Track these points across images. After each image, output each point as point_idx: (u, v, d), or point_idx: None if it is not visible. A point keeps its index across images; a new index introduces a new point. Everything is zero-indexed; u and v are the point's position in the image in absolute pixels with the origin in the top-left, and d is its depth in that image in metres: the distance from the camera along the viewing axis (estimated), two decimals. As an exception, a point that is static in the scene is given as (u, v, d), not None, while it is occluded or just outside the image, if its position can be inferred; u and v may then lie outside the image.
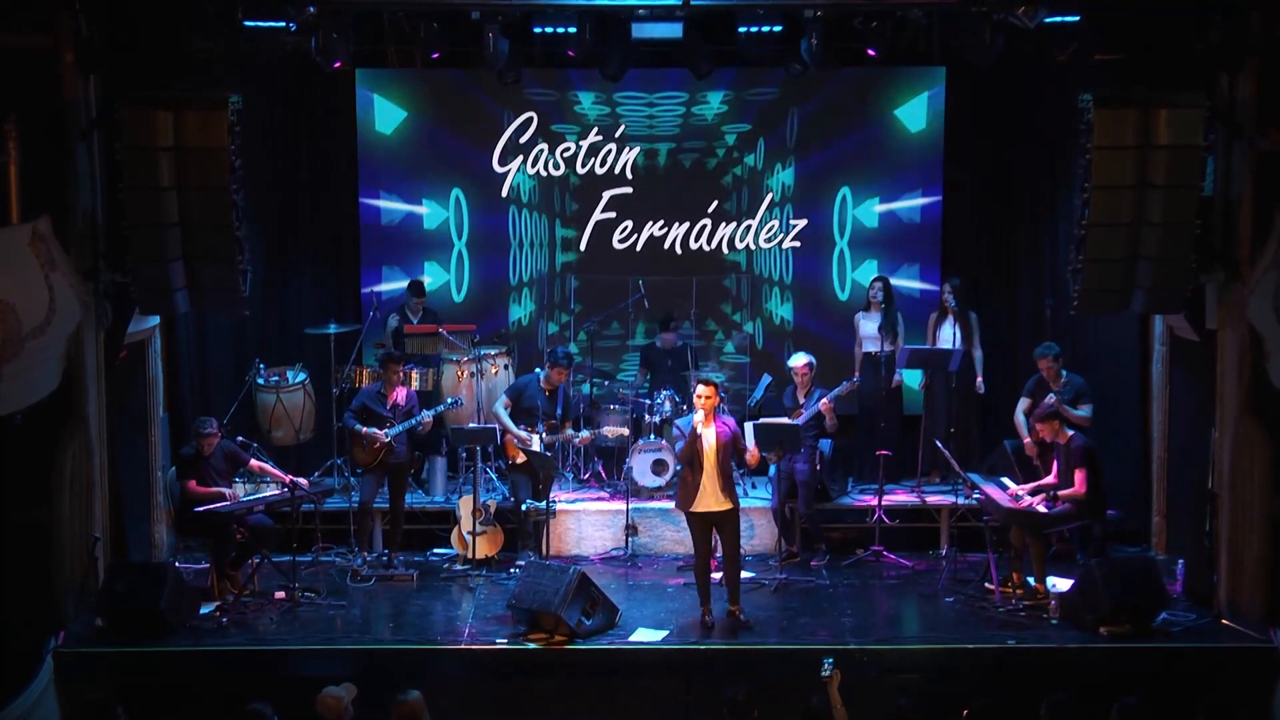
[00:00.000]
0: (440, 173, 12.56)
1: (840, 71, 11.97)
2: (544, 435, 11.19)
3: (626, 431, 11.49)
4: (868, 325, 12.09)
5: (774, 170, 12.67)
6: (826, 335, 12.56)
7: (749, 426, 10.65)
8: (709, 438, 9.71)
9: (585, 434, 11.15)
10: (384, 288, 12.58)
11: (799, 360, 11.37)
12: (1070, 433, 10.33)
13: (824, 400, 11.11)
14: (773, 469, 11.22)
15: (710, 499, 9.71)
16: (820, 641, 9.58)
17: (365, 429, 10.98)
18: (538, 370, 11.36)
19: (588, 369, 12.37)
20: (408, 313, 12.19)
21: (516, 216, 12.63)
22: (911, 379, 12.27)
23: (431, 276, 12.58)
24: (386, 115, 12.45)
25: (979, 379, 11.94)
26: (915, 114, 12.47)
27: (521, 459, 11.06)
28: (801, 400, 11.29)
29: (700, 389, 9.76)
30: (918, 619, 10.24)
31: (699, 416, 9.67)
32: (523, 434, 11.07)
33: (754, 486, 12.02)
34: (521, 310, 12.68)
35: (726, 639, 9.69)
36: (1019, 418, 11.08)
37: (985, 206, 12.54)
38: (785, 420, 11.03)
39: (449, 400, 11.38)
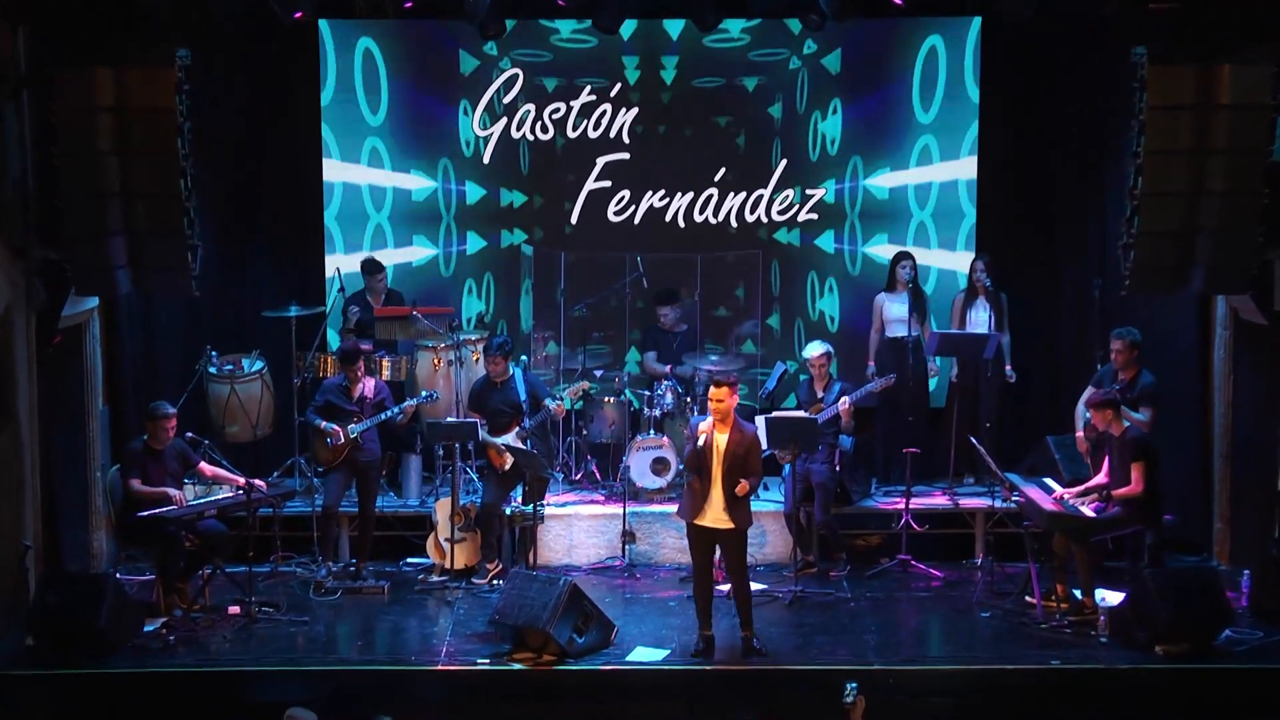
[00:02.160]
0: (421, 139, 12.56)
1: (861, 24, 11.92)
2: (526, 427, 11.19)
3: (588, 385, 11.49)
4: (894, 307, 12.04)
5: (789, 134, 12.65)
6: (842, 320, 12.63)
7: (760, 421, 10.62)
8: (720, 445, 9.64)
9: (554, 403, 11.15)
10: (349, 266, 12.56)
11: (815, 350, 11.36)
12: (1127, 424, 10.21)
13: (845, 401, 11.06)
14: (786, 469, 11.20)
15: (716, 513, 9.64)
16: (841, 662, 9.58)
17: (326, 424, 10.97)
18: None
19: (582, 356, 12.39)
20: (368, 297, 12.16)
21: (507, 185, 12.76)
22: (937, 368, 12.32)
23: (423, 249, 12.64)
24: (354, 72, 12.42)
25: (1008, 366, 11.95)
26: (943, 71, 12.44)
27: (508, 465, 11.10)
28: (820, 394, 11.28)
29: (713, 391, 9.64)
30: (950, 637, 10.26)
31: (706, 424, 9.57)
32: (501, 442, 11.13)
33: (765, 488, 11.95)
34: (480, 304, 12.73)
35: (735, 659, 9.68)
36: (1079, 409, 11.02)
37: (1022, 174, 12.52)
38: (801, 414, 11.00)
39: (424, 394, 11.36)
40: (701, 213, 12.67)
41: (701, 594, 9.84)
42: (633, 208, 12.66)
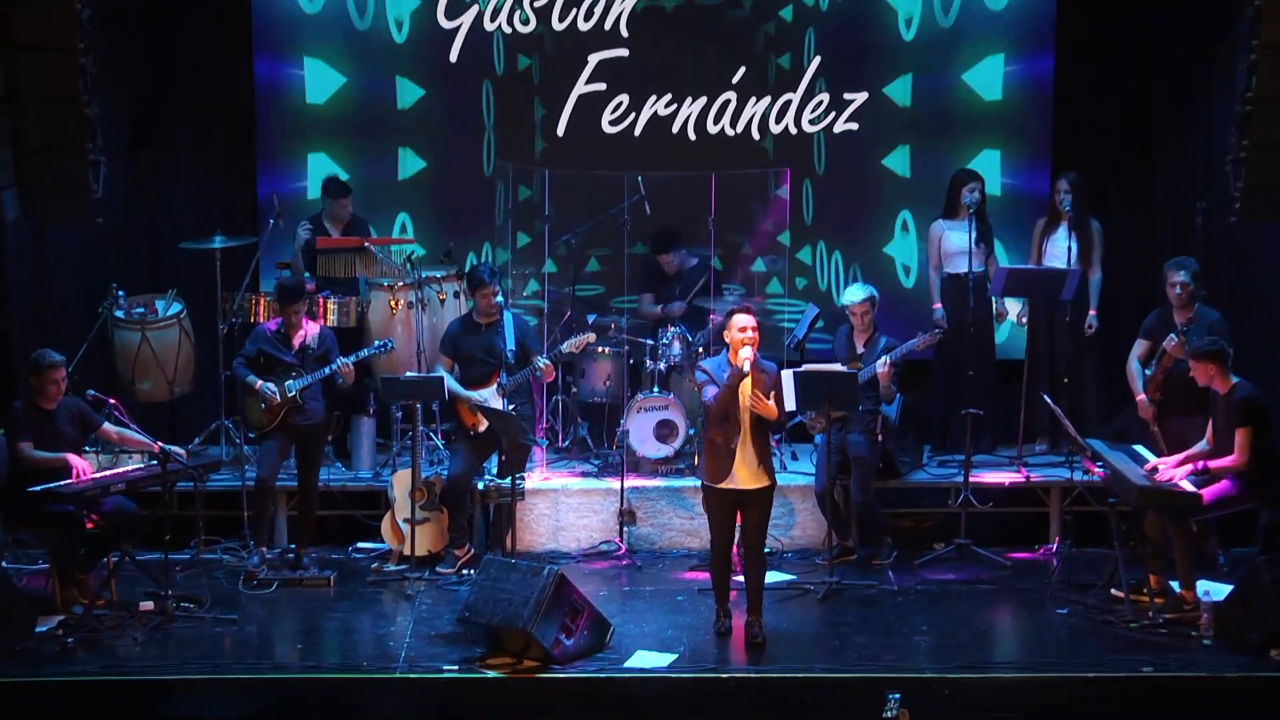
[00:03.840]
0: (371, 33, 12.60)
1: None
2: (505, 385, 11.17)
3: (592, 338, 11.51)
4: (954, 237, 12.07)
5: (819, 25, 12.67)
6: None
7: (787, 376, 10.60)
8: (745, 388, 9.70)
9: (545, 361, 11.15)
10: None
11: (856, 295, 11.34)
12: (1235, 380, 10.15)
13: (883, 363, 11.06)
14: (818, 438, 11.19)
15: (746, 472, 9.74)
16: (884, 669, 9.55)
17: (260, 382, 10.93)
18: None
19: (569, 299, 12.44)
20: (326, 224, 12.17)
21: (491, 89, 12.79)
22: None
23: (409, 164, 12.78)
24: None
25: (1091, 311, 12.05)
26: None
27: (482, 428, 11.13)
28: (860, 349, 11.30)
29: (740, 319, 9.70)
30: (1019, 638, 10.28)
31: (748, 351, 9.59)
32: (476, 396, 11.15)
33: (794, 457, 11.97)
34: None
35: (756, 664, 9.67)
36: (1132, 365, 11.11)
37: (1112, 76, 12.53)
38: (838, 367, 11.01)
39: (378, 343, 11.34)
40: (716, 122, 12.67)
41: (721, 569, 9.96)
42: (632, 116, 12.68)
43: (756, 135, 12.67)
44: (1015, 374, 12.08)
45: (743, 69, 12.60)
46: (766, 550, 10.34)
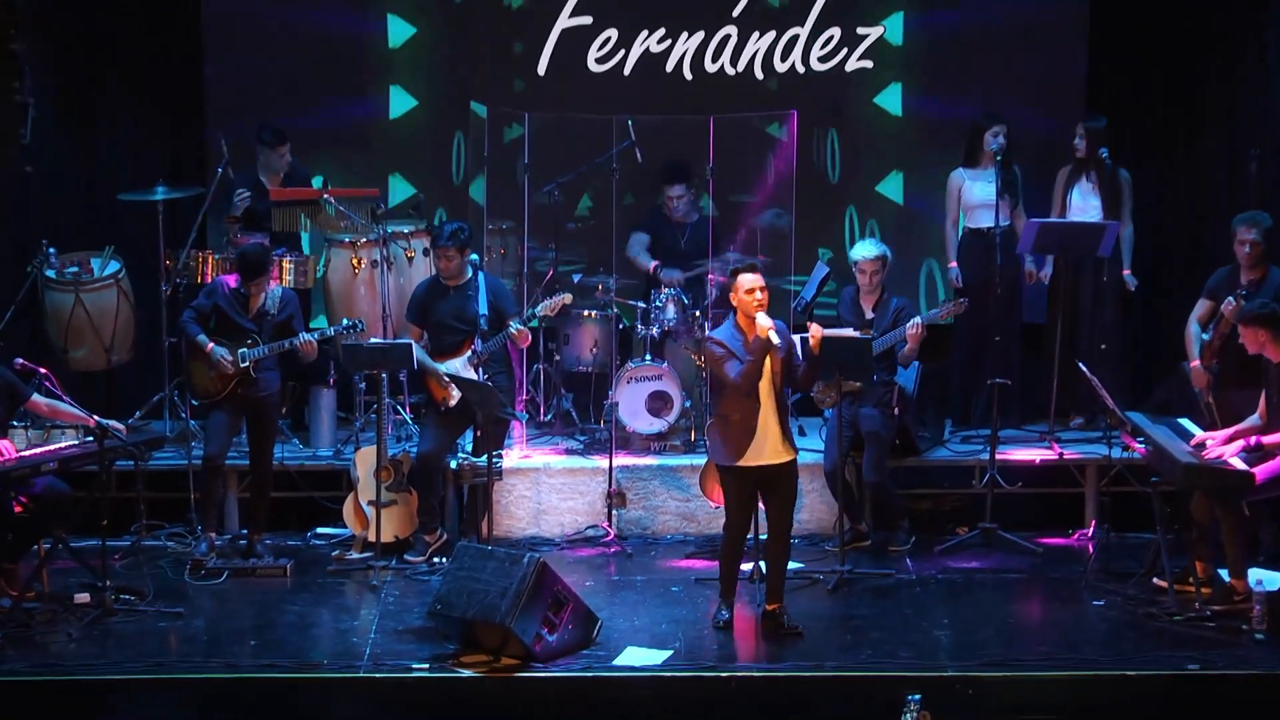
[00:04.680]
0: None
1: None
2: (479, 351, 11.17)
3: (569, 299, 11.53)
4: (977, 188, 12.14)
5: None
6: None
7: (796, 342, 10.43)
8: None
9: (517, 325, 11.16)
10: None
11: (867, 251, 11.33)
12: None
13: (914, 325, 11.06)
14: (828, 412, 11.24)
15: (770, 447, 9.79)
16: (901, 667, 9.55)
17: (213, 344, 10.91)
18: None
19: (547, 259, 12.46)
20: (262, 177, 12.25)
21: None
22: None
23: (398, 103, 12.96)
24: None
25: (1126, 271, 12.11)
26: None
27: (455, 400, 11.15)
28: (869, 311, 11.31)
29: (747, 279, 9.72)
30: (1051, 633, 10.23)
31: (767, 320, 9.66)
32: (446, 368, 11.19)
33: (801, 432, 11.93)
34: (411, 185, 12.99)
35: (760, 660, 9.67)
36: (1191, 328, 11.17)
37: (1153, 6, 12.57)
38: (851, 332, 10.98)
39: (346, 322, 11.41)
40: (715, 59, 12.69)
41: (735, 554, 10.00)
42: (621, 53, 12.72)
43: (759, 74, 12.69)
44: (1046, 340, 12.11)
45: (744, 0, 12.62)
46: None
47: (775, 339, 9.60)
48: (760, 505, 10.10)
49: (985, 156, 11.98)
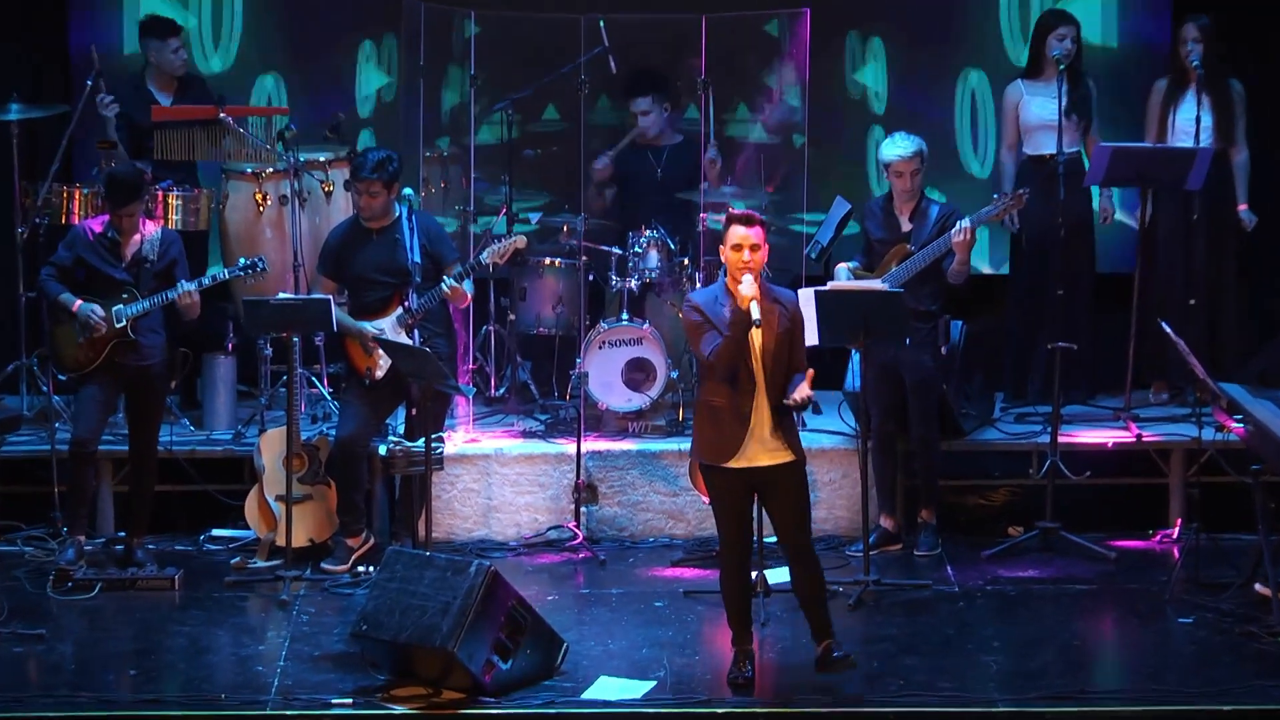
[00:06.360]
0: None
1: None
2: (412, 309, 11.16)
3: (522, 242, 11.57)
4: (1038, 105, 12.25)
5: None
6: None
7: (806, 297, 10.56)
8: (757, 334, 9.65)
9: (451, 282, 11.16)
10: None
11: (902, 148, 11.30)
12: None
13: (961, 229, 10.98)
14: (854, 359, 11.14)
15: (760, 444, 9.60)
16: (941, 702, 9.55)
17: (79, 301, 10.85)
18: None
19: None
20: (150, 86, 12.32)
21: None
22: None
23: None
24: None
25: (1242, 206, 12.17)
26: None
27: (383, 371, 11.19)
28: (906, 223, 11.32)
29: (738, 232, 9.52)
30: (1127, 657, 10.36)
31: (749, 288, 9.45)
32: (370, 327, 11.25)
33: (816, 409, 11.90)
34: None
35: (764, 694, 9.67)
36: None
37: None
38: (875, 284, 10.99)
39: (243, 261, 11.38)
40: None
41: (740, 583, 9.83)
42: None
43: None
44: (1122, 294, 12.13)
45: None
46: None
47: (755, 314, 9.43)
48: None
49: (1049, 65, 12.02)
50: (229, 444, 11.86)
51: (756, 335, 9.52)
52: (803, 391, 9.46)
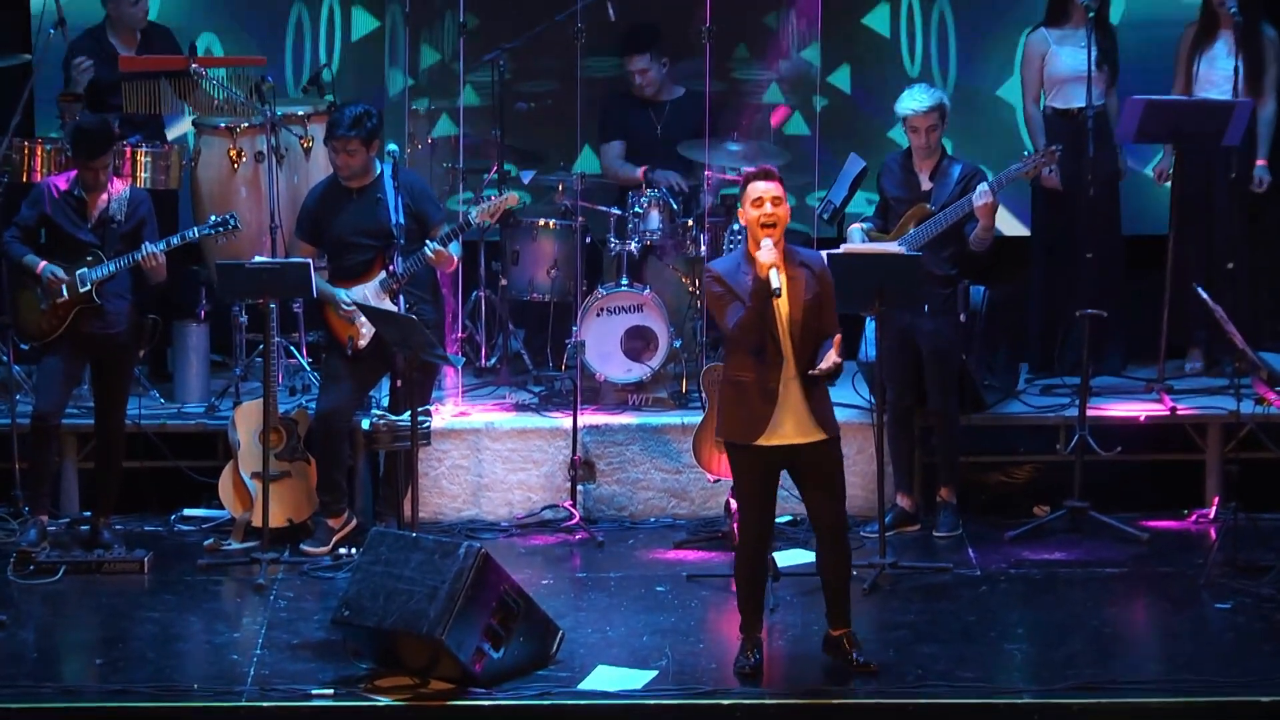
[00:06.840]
0: None
1: None
2: (396, 273, 11.15)
3: (514, 200, 11.56)
4: (1065, 55, 12.33)
5: None
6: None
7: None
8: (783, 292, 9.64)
9: (435, 245, 11.14)
10: None
11: (921, 100, 11.29)
12: None
13: (983, 194, 10.98)
14: (869, 327, 11.27)
15: (792, 419, 9.58)
16: (962, 692, 9.55)
17: (44, 263, 10.91)
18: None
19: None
20: (111, 38, 12.41)
21: None
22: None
23: None
24: None
25: (1260, 161, 12.24)
26: None
27: (366, 340, 11.21)
28: (927, 182, 11.31)
29: (758, 187, 9.50)
30: (1159, 645, 10.37)
31: (768, 254, 9.40)
32: (349, 294, 11.26)
33: (830, 382, 11.77)
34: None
35: (773, 684, 9.67)
36: None
37: None
38: (893, 247, 10.96)
39: (214, 219, 11.38)
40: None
41: (756, 568, 9.82)
42: None
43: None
44: (1155, 258, 12.12)
45: None
46: (787, 519, 10.57)
47: (775, 283, 9.37)
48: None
49: (1076, 12, 12.01)
50: (201, 418, 11.88)
51: (781, 305, 9.48)
52: (830, 359, 9.45)
